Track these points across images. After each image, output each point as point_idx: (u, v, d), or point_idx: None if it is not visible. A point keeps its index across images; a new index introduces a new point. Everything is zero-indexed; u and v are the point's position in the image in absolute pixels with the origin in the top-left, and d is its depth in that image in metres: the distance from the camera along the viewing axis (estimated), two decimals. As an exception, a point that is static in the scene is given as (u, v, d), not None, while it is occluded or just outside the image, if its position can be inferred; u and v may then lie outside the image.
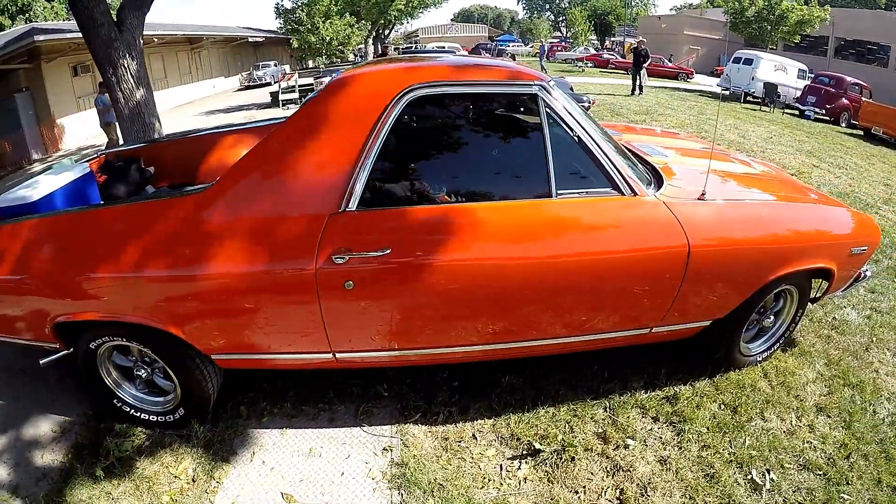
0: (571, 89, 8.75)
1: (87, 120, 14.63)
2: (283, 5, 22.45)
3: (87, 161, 2.89)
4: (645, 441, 2.30)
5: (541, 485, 2.10)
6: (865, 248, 2.59)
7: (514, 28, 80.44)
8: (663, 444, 2.29)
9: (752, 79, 16.61)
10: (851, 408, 2.51)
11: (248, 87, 25.13)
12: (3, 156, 12.77)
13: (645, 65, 14.85)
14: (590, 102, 8.22)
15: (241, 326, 2.07)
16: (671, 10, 61.21)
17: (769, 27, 24.76)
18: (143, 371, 2.29)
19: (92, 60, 5.15)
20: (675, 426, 2.37)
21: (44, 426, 2.40)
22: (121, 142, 6.66)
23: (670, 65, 27.72)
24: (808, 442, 2.30)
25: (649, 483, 2.10)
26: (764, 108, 14.85)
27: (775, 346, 2.77)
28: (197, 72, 23.64)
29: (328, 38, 19.86)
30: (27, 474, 2.17)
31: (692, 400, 2.49)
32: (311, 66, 25.74)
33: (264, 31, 31.08)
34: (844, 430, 2.38)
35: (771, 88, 14.95)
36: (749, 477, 2.12)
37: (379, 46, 28.55)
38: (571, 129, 2.10)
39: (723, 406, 2.48)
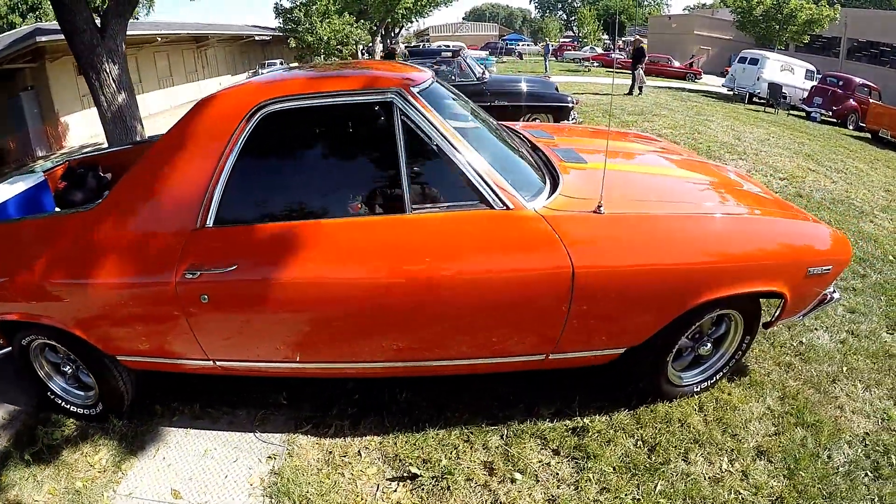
0: (556, 89, 8.49)
1: (91, 118, 14.55)
2: (281, 5, 22.33)
3: (52, 168, 3.01)
4: (536, 476, 2.03)
5: (412, 511, 1.88)
6: (829, 267, 2.23)
7: (525, 27, 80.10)
8: (558, 481, 2.01)
9: (758, 79, 15.97)
10: (800, 452, 2.13)
11: (253, 86, 25.03)
12: (8, 153, 12.90)
13: (640, 64, 14.37)
14: (574, 102, 7.88)
15: (131, 332, 2.17)
16: (684, 9, 60.34)
17: (777, 27, 23.97)
18: (68, 367, 2.45)
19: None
20: (577, 462, 2.07)
21: (-4, 414, 2.54)
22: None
23: (678, 64, 27.13)
24: (735, 492, 1.96)
25: (529, 527, 1.80)
26: (768, 109, 14.29)
27: (718, 376, 2.42)
28: (203, 70, 23.69)
29: (326, 37, 19.66)
30: (-27, 457, 2.28)
31: (604, 433, 2.17)
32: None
33: (271, 29, 31.07)
34: (786, 479, 2.02)
35: (776, 89, 14.37)
36: (652, 533, 1.79)
37: (387, 44, 28.32)
38: (430, 138, 1.97)
39: (640, 443, 2.15)
